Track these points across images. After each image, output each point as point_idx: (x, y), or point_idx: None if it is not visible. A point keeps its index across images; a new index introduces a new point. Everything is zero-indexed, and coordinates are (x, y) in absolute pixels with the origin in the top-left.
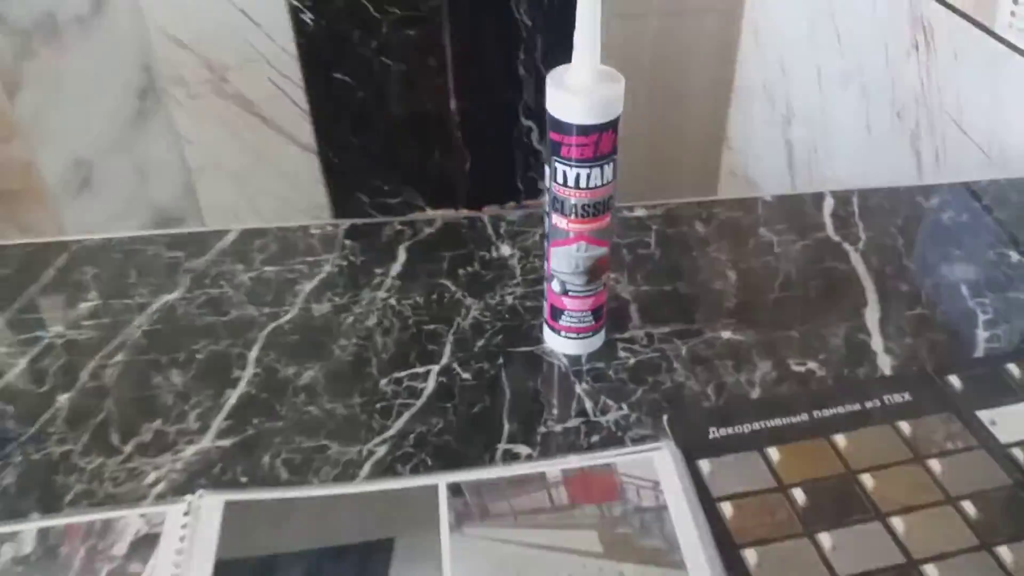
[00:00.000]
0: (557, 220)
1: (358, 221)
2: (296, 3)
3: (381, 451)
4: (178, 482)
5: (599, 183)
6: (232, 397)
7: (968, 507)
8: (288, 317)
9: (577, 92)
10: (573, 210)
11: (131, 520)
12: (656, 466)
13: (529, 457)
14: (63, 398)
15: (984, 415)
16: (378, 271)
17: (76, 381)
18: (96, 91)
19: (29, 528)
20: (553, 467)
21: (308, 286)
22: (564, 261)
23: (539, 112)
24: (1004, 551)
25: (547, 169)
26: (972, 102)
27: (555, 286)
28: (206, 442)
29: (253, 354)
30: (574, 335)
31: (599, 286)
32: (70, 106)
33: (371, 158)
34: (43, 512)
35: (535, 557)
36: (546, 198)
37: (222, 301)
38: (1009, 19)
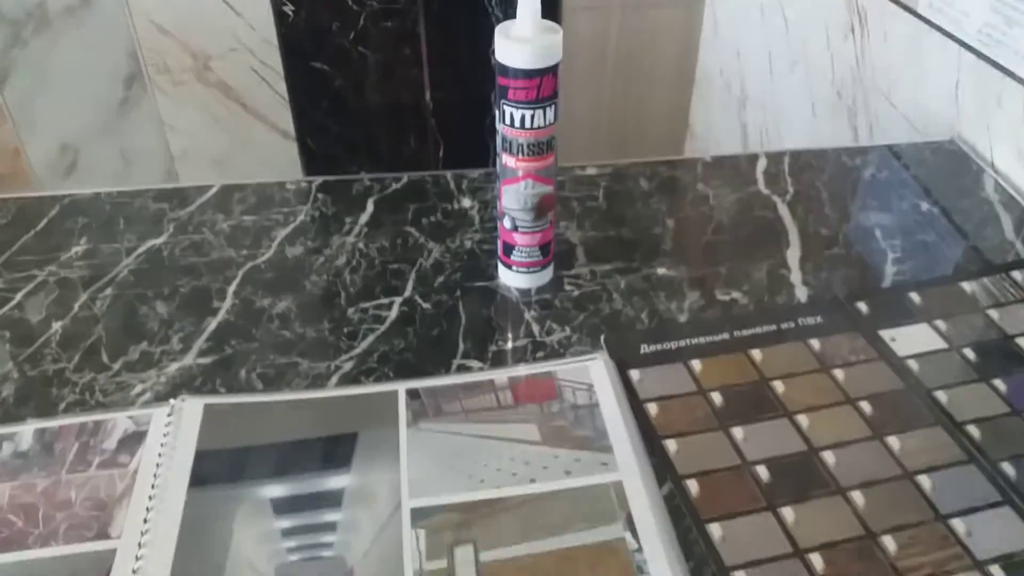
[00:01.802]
0: (507, 159)
1: (330, 178)
2: None
3: (347, 366)
4: (162, 393)
5: (542, 124)
6: (212, 324)
7: (865, 406)
8: (264, 258)
9: (521, 41)
10: (520, 149)
11: (119, 421)
12: (591, 373)
13: (480, 370)
14: (57, 325)
15: (885, 333)
16: (348, 220)
17: (69, 311)
18: (84, 78)
19: (26, 429)
20: (501, 375)
21: (283, 232)
22: (514, 198)
23: None
24: (893, 440)
25: (497, 112)
26: (900, 78)
27: (506, 223)
28: (188, 360)
29: (232, 288)
30: (524, 269)
31: (545, 223)
32: (58, 93)
33: (347, 144)
34: (38, 417)
35: (481, 445)
36: (498, 139)
37: (203, 245)
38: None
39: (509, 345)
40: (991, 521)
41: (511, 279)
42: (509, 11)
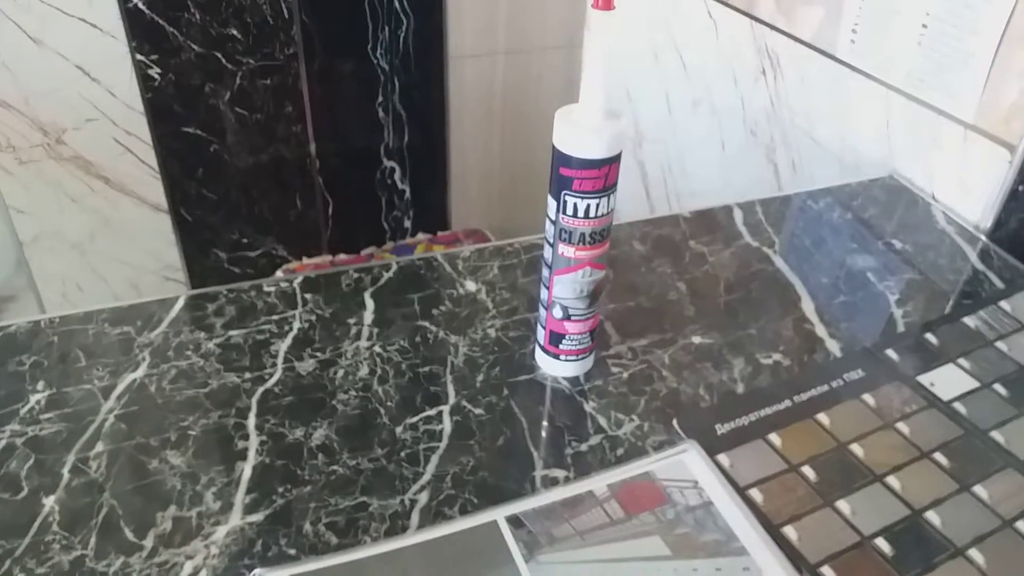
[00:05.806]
0: (563, 249)
1: (311, 274)
2: (142, 58)
3: (423, 498)
4: (219, 568)
5: (605, 211)
6: (246, 469)
7: (940, 458)
8: (275, 379)
9: (589, 130)
10: (581, 238)
11: None
12: (690, 467)
13: (567, 479)
14: (49, 501)
15: (924, 379)
16: (351, 321)
17: (59, 480)
18: None
19: None
20: (598, 484)
21: (283, 345)
22: (568, 288)
23: (401, 152)
24: (979, 489)
25: (553, 202)
26: (822, 116)
27: (556, 312)
28: (235, 520)
29: (251, 422)
30: (573, 357)
31: (597, 307)
32: None
33: (227, 212)
34: None
35: (611, 570)
36: (550, 230)
37: (195, 372)
38: (850, 46)
39: (584, 446)
40: None
41: (558, 369)
42: (395, 60)
